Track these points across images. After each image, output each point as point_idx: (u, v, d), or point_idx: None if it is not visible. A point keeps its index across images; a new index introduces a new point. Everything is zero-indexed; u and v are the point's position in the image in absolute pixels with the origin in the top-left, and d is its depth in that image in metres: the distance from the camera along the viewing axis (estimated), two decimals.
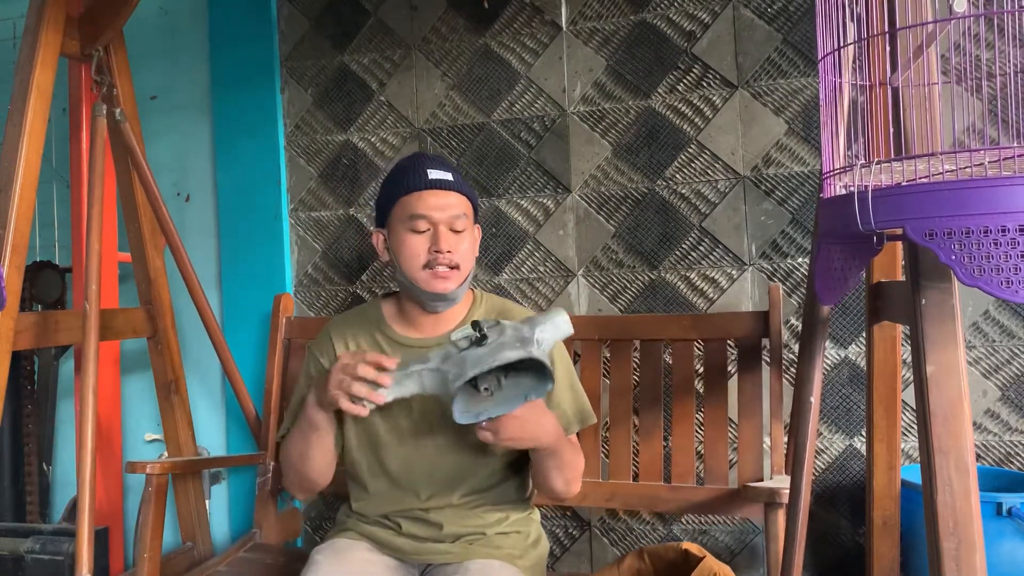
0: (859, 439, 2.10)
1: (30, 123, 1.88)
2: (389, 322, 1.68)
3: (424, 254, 1.58)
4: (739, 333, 1.98)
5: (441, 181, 1.60)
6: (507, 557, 1.60)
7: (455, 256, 1.58)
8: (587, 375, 2.09)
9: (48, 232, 2.69)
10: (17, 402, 2.56)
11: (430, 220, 1.58)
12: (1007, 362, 2.01)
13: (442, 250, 1.56)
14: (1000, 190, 0.83)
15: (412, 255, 1.59)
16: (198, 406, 2.55)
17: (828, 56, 1.04)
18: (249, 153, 2.56)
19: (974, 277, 0.85)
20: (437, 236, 1.57)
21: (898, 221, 0.89)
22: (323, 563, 1.55)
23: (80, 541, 1.77)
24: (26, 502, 2.59)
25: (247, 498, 2.49)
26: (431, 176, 1.60)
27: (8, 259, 1.81)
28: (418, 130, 2.44)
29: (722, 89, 2.18)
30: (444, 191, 1.60)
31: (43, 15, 1.93)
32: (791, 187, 2.13)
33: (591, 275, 2.29)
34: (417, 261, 1.58)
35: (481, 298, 1.72)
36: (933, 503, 0.98)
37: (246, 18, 2.55)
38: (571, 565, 2.33)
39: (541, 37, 2.32)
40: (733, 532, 2.20)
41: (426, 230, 1.59)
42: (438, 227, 1.58)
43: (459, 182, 1.63)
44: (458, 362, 1.40)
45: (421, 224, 1.58)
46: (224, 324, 2.55)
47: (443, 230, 1.58)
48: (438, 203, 1.59)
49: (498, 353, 1.38)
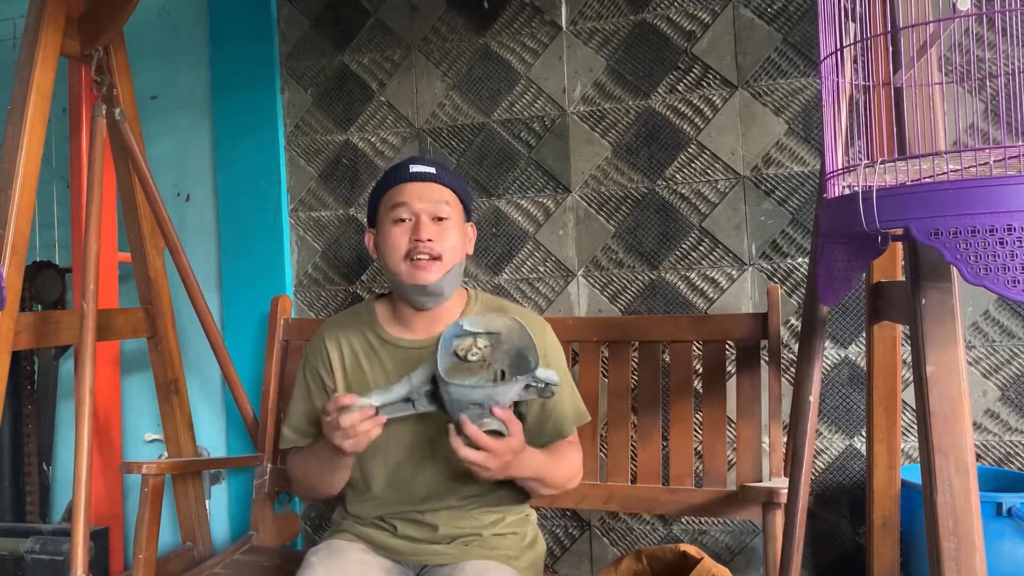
0: (859, 439, 2.10)
1: (30, 123, 1.88)
2: (382, 323, 1.68)
3: (405, 244, 1.58)
4: (738, 334, 1.98)
5: (423, 173, 1.62)
6: (503, 558, 1.59)
7: (436, 245, 1.57)
8: (586, 376, 2.09)
9: (48, 232, 2.69)
10: (17, 402, 2.55)
11: (411, 209, 1.59)
12: (1007, 362, 2.01)
13: (422, 238, 1.56)
14: (1005, 189, 0.83)
15: (394, 246, 1.59)
16: (198, 406, 2.55)
17: (830, 56, 1.04)
18: (249, 153, 2.55)
19: (980, 276, 0.85)
20: (418, 225, 1.58)
21: (903, 221, 0.89)
22: (318, 564, 1.55)
23: (75, 542, 1.76)
24: (26, 502, 2.59)
25: (247, 499, 2.49)
26: (412, 169, 1.62)
27: (8, 259, 1.80)
28: (418, 130, 2.44)
29: (722, 89, 2.18)
30: (426, 182, 1.61)
31: (43, 15, 1.93)
32: (791, 187, 2.13)
33: (591, 275, 2.29)
34: (399, 252, 1.58)
35: (475, 297, 1.72)
36: (933, 503, 0.98)
37: (246, 18, 2.55)
38: (571, 565, 2.33)
39: (541, 37, 2.32)
40: (732, 532, 2.20)
41: (408, 219, 1.59)
42: (419, 217, 1.59)
43: (443, 175, 1.64)
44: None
45: (402, 212, 1.59)
46: (224, 324, 2.55)
47: (424, 219, 1.58)
48: (418, 192, 1.60)
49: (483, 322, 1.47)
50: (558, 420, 1.63)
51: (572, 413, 1.65)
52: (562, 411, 1.63)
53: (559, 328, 1.75)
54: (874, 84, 1.15)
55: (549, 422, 1.63)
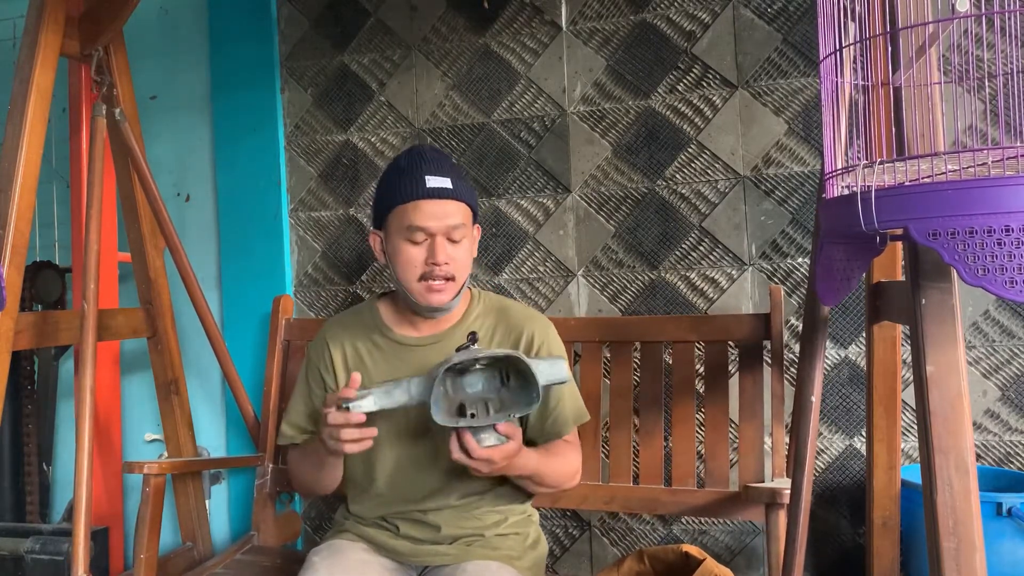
0: (859, 439, 2.10)
1: (30, 123, 1.88)
2: (387, 322, 1.68)
3: (420, 266, 1.56)
4: (740, 335, 1.97)
5: (440, 190, 1.56)
6: (505, 558, 1.59)
7: (451, 267, 1.56)
8: (587, 376, 2.09)
9: (48, 232, 2.69)
10: (17, 402, 2.56)
11: (427, 231, 1.56)
12: (1007, 362, 2.01)
13: (439, 262, 1.54)
14: (1003, 190, 0.83)
15: (408, 266, 1.57)
16: (198, 406, 2.55)
17: (829, 56, 1.04)
18: (249, 153, 2.55)
19: (978, 277, 0.85)
20: (434, 248, 1.55)
21: (901, 221, 0.89)
22: (320, 564, 1.55)
23: (76, 541, 1.77)
24: (26, 502, 2.59)
25: (247, 499, 2.49)
26: (429, 184, 1.55)
27: (8, 259, 1.80)
28: (418, 130, 2.44)
29: (722, 89, 2.18)
30: (442, 200, 1.56)
31: (43, 15, 1.93)
32: (791, 187, 2.13)
33: (591, 275, 2.29)
34: (413, 272, 1.57)
35: (479, 296, 1.71)
36: (933, 503, 0.98)
37: (246, 18, 2.55)
38: (571, 565, 2.33)
39: (541, 37, 2.32)
40: (733, 532, 2.20)
41: (423, 241, 1.56)
42: (435, 238, 1.55)
43: (458, 188, 1.58)
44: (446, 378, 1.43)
45: (418, 236, 1.56)
46: (224, 324, 2.55)
47: (440, 241, 1.55)
48: (435, 212, 1.55)
49: (487, 354, 1.42)
50: (558, 420, 1.63)
51: (572, 413, 1.65)
52: (563, 411, 1.63)
53: (561, 328, 1.75)
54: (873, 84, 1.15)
55: (549, 421, 1.63)
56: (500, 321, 1.67)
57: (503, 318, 1.67)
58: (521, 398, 1.43)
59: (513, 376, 1.45)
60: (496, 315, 1.68)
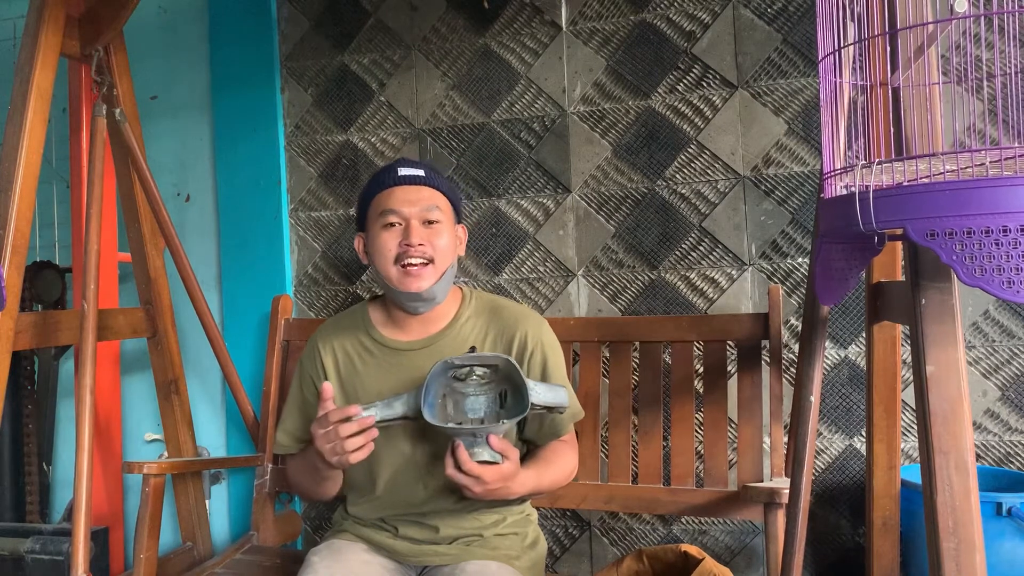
0: (859, 439, 2.10)
1: (30, 123, 1.88)
2: (376, 325, 1.68)
3: (395, 248, 1.58)
4: (739, 335, 1.97)
5: (411, 176, 1.61)
6: (504, 558, 1.59)
7: (428, 248, 1.57)
8: (587, 376, 2.09)
9: (48, 232, 2.69)
10: (17, 402, 2.56)
11: (400, 215, 1.58)
12: (1007, 362, 2.01)
13: (412, 243, 1.56)
14: (1001, 190, 0.83)
15: (384, 250, 1.59)
16: (198, 406, 2.55)
17: (828, 56, 1.04)
18: (249, 153, 2.55)
19: (975, 277, 0.85)
20: (408, 229, 1.57)
21: (899, 221, 0.89)
22: (319, 564, 1.55)
23: (76, 541, 1.76)
24: (26, 502, 2.59)
25: (247, 499, 2.49)
26: (401, 172, 1.61)
27: (8, 259, 1.80)
28: (418, 130, 2.44)
29: (722, 89, 2.18)
30: (415, 186, 1.60)
31: (43, 15, 1.93)
32: (791, 187, 2.13)
33: (591, 275, 2.29)
34: (389, 256, 1.58)
35: (471, 297, 1.71)
36: (933, 503, 0.98)
37: (246, 18, 2.55)
38: (571, 565, 2.33)
39: (541, 37, 2.32)
40: (732, 532, 2.20)
41: (397, 223, 1.59)
42: (409, 221, 1.58)
43: (432, 178, 1.63)
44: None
45: (392, 218, 1.59)
46: (224, 324, 2.55)
47: (415, 224, 1.58)
48: (407, 197, 1.59)
49: (479, 360, 1.45)
50: (555, 421, 1.63)
51: (569, 413, 1.65)
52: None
53: (560, 328, 1.75)
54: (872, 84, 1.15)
55: (547, 422, 1.63)
56: (492, 322, 1.66)
57: (495, 319, 1.67)
58: (514, 407, 1.45)
59: (511, 395, 1.47)
60: (488, 316, 1.67)
